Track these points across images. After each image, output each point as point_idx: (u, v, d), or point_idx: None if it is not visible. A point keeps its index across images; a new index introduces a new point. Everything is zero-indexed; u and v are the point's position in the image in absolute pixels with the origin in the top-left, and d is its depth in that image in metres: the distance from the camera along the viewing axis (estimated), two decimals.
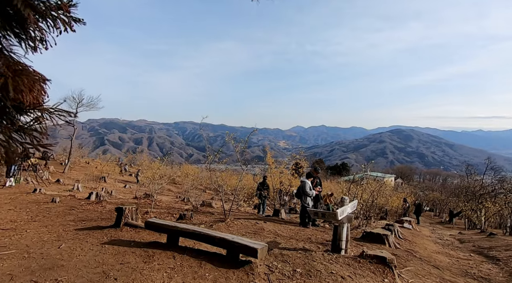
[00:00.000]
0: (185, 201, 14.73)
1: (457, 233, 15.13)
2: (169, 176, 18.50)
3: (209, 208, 11.67)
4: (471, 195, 20.33)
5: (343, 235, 4.29)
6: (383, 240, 5.83)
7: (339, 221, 4.30)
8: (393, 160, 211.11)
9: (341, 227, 4.30)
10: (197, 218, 8.06)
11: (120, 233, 4.86)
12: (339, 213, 3.97)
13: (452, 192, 26.86)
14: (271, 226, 6.59)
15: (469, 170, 26.50)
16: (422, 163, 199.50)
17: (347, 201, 4.35)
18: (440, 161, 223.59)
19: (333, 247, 4.45)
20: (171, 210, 10.53)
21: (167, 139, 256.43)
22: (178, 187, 24.11)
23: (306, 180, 7.07)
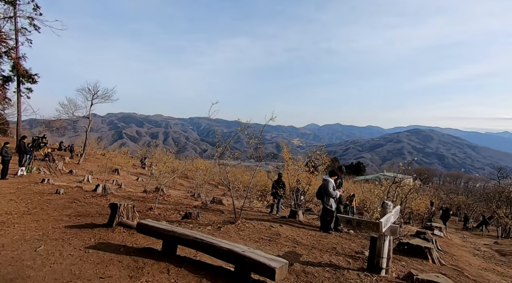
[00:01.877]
0: (195, 196, 14.08)
1: (492, 243, 13.66)
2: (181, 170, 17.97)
3: (219, 205, 10.92)
4: (506, 200, 18.55)
5: (384, 251, 3.35)
6: (424, 254, 4.81)
7: (380, 233, 3.36)
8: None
9: (382, 240, 3.35)
10: (205, 217, 7.29)
11: (111, 234, 4.12)
12: (383, 223, 3.03)
13: (480, 196, 24.88)
14: (288, 230, 5.70)
15: (501, 174, 24.42)
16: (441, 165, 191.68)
17: (391, 207, 3.40)
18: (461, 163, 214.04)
19: (370, 265, 3.52)
20: (178, 206, 9.85)
21: (182, 134, 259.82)
22: (190, 182, 23.63)
23: (329, 179, 6.12)
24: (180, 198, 13.20)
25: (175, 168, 20.34)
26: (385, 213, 3.36)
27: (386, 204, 3.39)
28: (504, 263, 8.45)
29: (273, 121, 5.51)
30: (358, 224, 3.45)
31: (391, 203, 3.39)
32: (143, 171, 25.71)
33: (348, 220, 3.51)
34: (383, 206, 3.41)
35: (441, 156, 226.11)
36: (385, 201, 3.42)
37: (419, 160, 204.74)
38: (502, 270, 6.98)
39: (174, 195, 13.87)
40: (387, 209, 3.36)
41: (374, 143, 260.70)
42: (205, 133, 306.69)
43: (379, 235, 3.39)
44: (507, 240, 16.62)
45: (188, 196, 14.29)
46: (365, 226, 3.43)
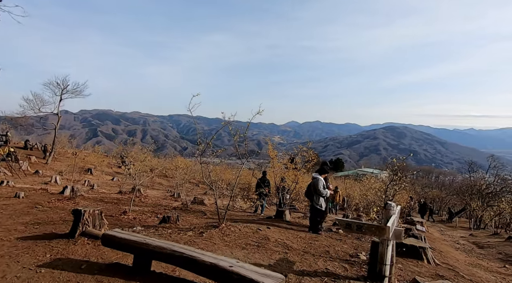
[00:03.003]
0: (175, 196, 13.36)
1: (468, 235, 14.16)
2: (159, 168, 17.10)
3: (201, 206, 10.34)
4: (477, 194, 19.43)
5: (387, 257, 3.01)
6: (419, 254, 4.59)
7: (383, 238, 3.02)
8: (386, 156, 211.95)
9: (385, 245, 3.02)
10: (185, 220, 6.73)
11: (72, 247, 3.49)
12: (390, 228, 2.69)
13: (454, 190, 26.06)
14: (277, 233, 5.30)
15: (471, 168, 25.67)
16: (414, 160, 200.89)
17: (394, 208, 3.07)
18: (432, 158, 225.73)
19: (372, 272, 3.18)
20: (156, 208, 9.18)
21: (161, 132, 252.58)
22: (170, 181, 22.67)
23: (319, 177, 5.78)
24: (159, 198, 12.44)
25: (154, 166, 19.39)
26: (389, 214, 3.03)
27: (390, 205, 3.05)
28: (485, 256, 8.63)
29: (260, 114, 5.06)
30: (359, 228, 3.10)
31: (394, 204, 3.07)
32: (120, 170, 24.38)
33: (348, 224, 3.15)
34: (386, 207, 3.07)
35: (413, 151, 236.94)
36: (388, 202, 3.08)
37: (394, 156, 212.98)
38: (486, 264, 7.05)
39: (152, 196, 13.07)
40: (391, 211, 3.04)
41: (352, 140, 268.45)
42: (185, 131, 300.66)
43: (381, 240, 3.05)
44: (479, 231, 17.39)
45: (167, 196, 13.54)
46: (367, 230, 3.08)
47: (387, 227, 2.66)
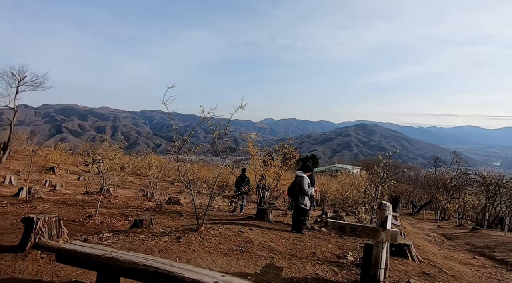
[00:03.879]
0: (148, 196, 12.59)
1: (436, 227, 14.95)
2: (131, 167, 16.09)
3: (176, 206, 9.77)
4: (442, 187, 20.65)
5: (381, 261, 2.83)
6: (404, 252, 4.54)
7: (377, 240, 2.83)
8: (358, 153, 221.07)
9: (380, 248, 2.83)
10: (160, 223, 6.22)
11: (20, 263, 2.92)
12: (390, 229, 2.49)
13: (420, 184, 27.60)
14: (260, 235, 5.00)
15: (437, 163, 27.32)
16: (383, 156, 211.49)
17: (389, 208, 2.89)
18: (399, 154, 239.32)
19: (365, 277, 2.99)
20: (127, 209, 8.49)
21: (133, 128, 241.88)
22: (142, 179, 21.55)
23: (304, 175, 5.57)
24: (130, 199, 11.64)
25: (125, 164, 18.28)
26: (384, 215, 2.85)
27: (385, 205, 2.87)
28: (455, 247, 9.04)
29: (242, 109, 4.71)
30: (352, 231, 2.88)
31: (388, 203, 2.89)
32: (87, 169, 22.73)
33: (341, 227, 2.93)
34: (380, 207, 2.88)
35: (382, 148, 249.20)
36: (383, 202, 2.90)
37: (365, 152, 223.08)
38: (458, 256, 7.34)
39: (123, 196, 12.22)
40: (386, 211, 2.85)
41: (325, 137, 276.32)
42: (159, 127, 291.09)
43: (376, 242, 2.86)
44: (445, 223, 18.52)
45: (139, 196, 12.73)
46: (361, 232, 2.87)
47: (386, 230, 2.46)
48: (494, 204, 15.78)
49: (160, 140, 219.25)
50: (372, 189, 5.31)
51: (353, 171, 46.93)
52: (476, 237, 10.48)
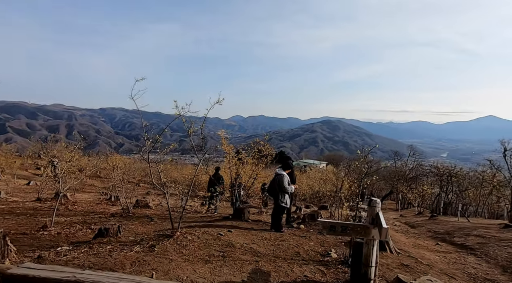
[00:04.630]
0: (112, 200, 11.63)
1: (398, 216, 15.98)
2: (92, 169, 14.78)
3: (146, 209, 9.13)
4: (402, 178, 22.18)
5: (372, 259, 2.77)
6: (383, 244, 4.64)
7: (368, 238, 2.76)
8: (323, 148, 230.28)
9: (371, 246, 2.77)
10: (129, 230, 5.66)
11: None
12: (385, 227, 2.41)
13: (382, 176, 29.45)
14: (240, 237, 4.77)
15: (397, 156, 29.30)
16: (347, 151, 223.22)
17: (379, 204, 2.84)
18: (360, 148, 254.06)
19: (355, 276, 2.92)
20: (89, 216, 7.71)
21: (92, 127, 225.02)
22: (105, 182, 20.00)
23: (284, 173, 5.44)
24: (92, 204, 10.65)
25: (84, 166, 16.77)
26: (374, 212, 2.79)
27: (375, 201, 2.82)
28: (419, 235, 9.65)
29: (220, 104, 4.41)
30: (343, 230, 2.79)
31: (378, 200, 2.85)
32: (39, 172, 20.46)
33: (332, 226, 2.81)
34: (370, 204, 2.82)
35: (346, 143, 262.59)
36: (373, 198, 2.85)
37: (330, 147, 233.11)
38: (424, 244, 7.80)
39: (83, 201, 11.15)
40: (376, 208, 2.80)
41: (293, 133, 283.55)
42: (121, 126, 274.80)
43: (366, 240, 2.80)
44: (405, 211, 19.93)
45: (102, 200, 11.70)
46: (352, 231, 2.79)
47: (385, 229, 2.39)
48: (447, 192, 17.30)
49: (122, 139, 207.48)
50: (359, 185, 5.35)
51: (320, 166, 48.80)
52: (435, 223, 11.34)
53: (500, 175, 13.59)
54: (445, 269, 4.74)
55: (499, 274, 4.92)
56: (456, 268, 5.05)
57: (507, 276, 4.82)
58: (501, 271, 5.07)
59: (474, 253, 6.32)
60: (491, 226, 9.63)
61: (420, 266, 4.31)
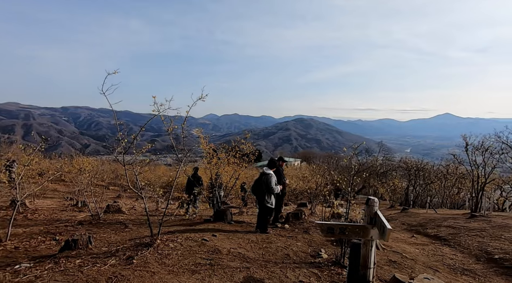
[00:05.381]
0: (79, 206, 10.71)
1: None
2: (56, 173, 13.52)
3: (118, 214, 8.47)
4: (373, 173, 23.16)
5: (370, 260, 2.68)
6: None
7: (366, 238, 2.67)
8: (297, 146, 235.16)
9: (369, 246, 2.68)
10: (101, 240, 5.14)
11: None
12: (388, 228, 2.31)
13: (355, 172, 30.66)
14: (226, 241, 4.51)
15: (368, 153, 30.63)
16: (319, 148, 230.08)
17: (377, 203, 2.76)
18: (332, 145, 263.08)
19: (353, 278, 2.81)
20: (53, 226, 6.95)
21: (53, 127, 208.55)
22: (69, 186, 18.50)
23: (271, 172, 5.25)
24: (55, 211, 9.69)
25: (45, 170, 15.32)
26: (373, 211, 2.70)
27: (373, 200, 2.73)
28: (394, 228, 9.98)
29: (203, 100, 4.11)
30: (342, 231, 2.66)
31: (376, 199, 2.76)
32: None
33: (330, 228, 2.67)
34: (368, 203, 2.73)
35: (318, 140, 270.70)
36: (370, 197, 2.75)
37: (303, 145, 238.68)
38: (401, 237, 8.09)
39: (45, 208, 10.13)
40: (374, 207, 2.71)
41: (267, 132, 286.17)
42: (86, 125, 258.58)
43: (365, 241, 2.70)
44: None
45: (67, 206, 10.72)
46: (350, 232, 2.67)
47: (389, 230, 2.28)
48: (415, 186, 18.35)
49: (88, 140, 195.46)
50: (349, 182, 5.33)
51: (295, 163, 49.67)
52: (407, 216, 11.89)
53: (462, 168, 14.63)
54: (427, 262, 4.88)
55: (474, 263, 5.18)
56: (435, 260, 5.23)
57: (480, 265, 5.09)
58: (475, 260, 5.35)
59: (448, 244, 6.64)
60: (457, 216, 10.27)
61: (406, 261, 4.37)
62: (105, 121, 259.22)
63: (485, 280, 4.28)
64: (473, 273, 4.58)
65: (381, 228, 2.41)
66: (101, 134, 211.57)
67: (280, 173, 5.96)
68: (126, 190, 23.68)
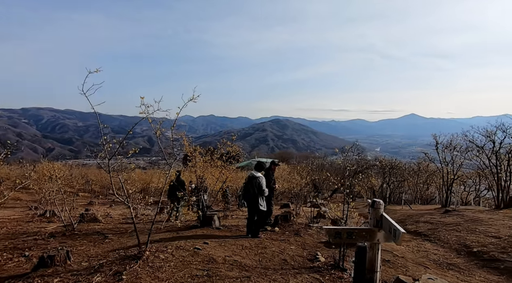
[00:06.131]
0: (47, 216, 9.84)
1: (351, 208, 17.02)
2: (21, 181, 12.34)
3: (94, 223, 7.87)
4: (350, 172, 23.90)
5: (377, 264, 2.66)
6: None
7: (373, 242, 2.64)
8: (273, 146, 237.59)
9: (375, 250, 2.65)
10: (79, 254, 4.69)
11: None
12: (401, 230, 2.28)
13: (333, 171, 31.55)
14: (219, 249, 4.32)
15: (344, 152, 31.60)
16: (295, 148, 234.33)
17: (383, 206, 2.74)
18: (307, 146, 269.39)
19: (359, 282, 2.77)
20: (20, 239, 6.27)
21: (11, 130, 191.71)
22: (33, 195, 17.02)
23: (261, 175, 5.13)
24: (20, 222, 8.82)
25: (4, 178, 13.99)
26: (379, 214, 2.68)
27: (379, 203, 2.70)
28: None
29: (194, 101, 3.89)
30: (349, 236, 2.61)
31: (381, 201, 2.75)
32: None
33: (338, 233, 2.61)
34: (374, 206, 2.70)
35: (294, 141, 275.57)
36: (376, 200, 2.73)
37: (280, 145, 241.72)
38: None
39: (7, 219, 9.18)
40: (380, 209, 2.69)
41: (244, 133, 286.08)
42: (50, 128, 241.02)
43: (371, 244, 2.67)
44: (355, 203, 21.56)
45: (33, 217, 9.80)
46: (357, 236, 2.63)
47: (403, 233, 2.25)
48: (389, 183, 19.20)
49: (52, 143, 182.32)
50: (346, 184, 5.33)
51: None
52: (386, 213, 12.34)
53: (432, 165, 15.53)
54: (415, 259, 5.03)
55: (456, 258, 5.44)
56: (421, 256, 5.42)
57: (462, 258, 5.35)
58: (456, 254, 5.62)
59: (429, 239, 6.95)
60: (432, 211, 10.84)
61: (398, 260, 4.46)
62: (71, 123, 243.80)
63: (469, 274, 4.48)
64: (458, 268, 4.80)
65: (391, 231, 2.39)
66: (67, 137, 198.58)
67: (269, 177, 5.87)
68: (98, 196, 22.31)
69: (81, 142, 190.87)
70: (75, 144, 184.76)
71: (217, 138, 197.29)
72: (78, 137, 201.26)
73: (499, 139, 10.65)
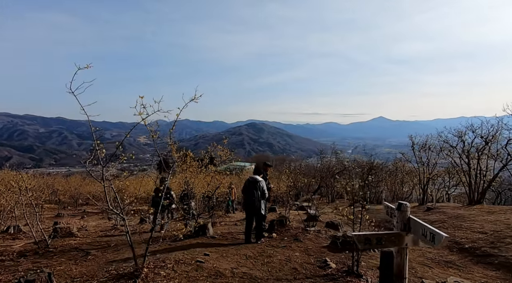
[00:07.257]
0: (11, 232, 8.76)
1: (334, 209, 17.34)
2: None
3: (70, 238, 7.09)
4: (329, 174, 24.41)
5: (405, 270, 2.55)
6: None
7: (401, 246, 2.53)
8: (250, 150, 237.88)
9: (404, 255, 2.54)
10: (60, 275, 4.10)
11: None
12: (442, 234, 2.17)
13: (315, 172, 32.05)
14: (222, 260, 4.01)
15: (322, 154, 32.25)
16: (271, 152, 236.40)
17: (409, 208, 2.64)
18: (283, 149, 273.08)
19: None
20: None
21: None
22: None
23: (261, 179, 4.90)
24: None
25: None
26: (405, 217, 2.57)
27: (405, 205, 2.60)
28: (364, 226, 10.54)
29: (196, 102, 3.60)
30: (378, 241, 2.47)
31: (408, 203, 2.65)
32: None
33: (367, 239, 2.46)
34: (400, 208, 2.59)
35: (270, 144, 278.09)
36: (402, 202, 2.63)
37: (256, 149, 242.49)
38: None
39: None
40: (407, 212, 2.59)
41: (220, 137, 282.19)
42: (6, 135, 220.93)
43: (399, 249, 2.56)
44: (335, 204, 22.03)
45: None
46: (386, 241, 2.50)
47: (446, 237, 2.13)
48: (368, 183, 19.86)
49: (9, 151, 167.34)
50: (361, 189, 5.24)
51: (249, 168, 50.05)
52: (369, 213, 12.50)
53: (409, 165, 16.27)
54: (414, 258, 5.07)
55: (450, 255, 5.58)
56: (419, 255, 5.50)
57: (456, 255, 5.50)
58: (449, 251, 5.78)
59: None
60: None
61: None
62: (31, 130, 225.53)
63: (468, 271, 4.59)
64: (455, 265, 4.90)
65: (426, 235, 2.28)
66: (26, 145, 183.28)
67: (265, 179, 5.67)
68: (66, 208, 20.64)
69: (43, 149, 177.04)
70: (36, 152, 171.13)
71: (192, 143, 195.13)
72: (40, 144, 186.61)
73: (469, 138, 11.37)
